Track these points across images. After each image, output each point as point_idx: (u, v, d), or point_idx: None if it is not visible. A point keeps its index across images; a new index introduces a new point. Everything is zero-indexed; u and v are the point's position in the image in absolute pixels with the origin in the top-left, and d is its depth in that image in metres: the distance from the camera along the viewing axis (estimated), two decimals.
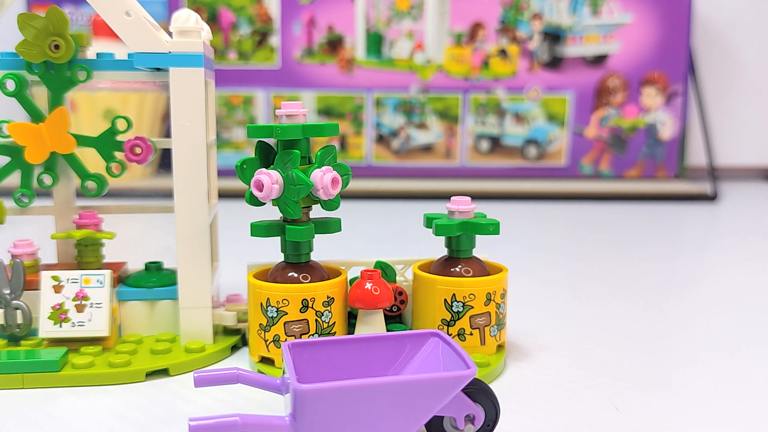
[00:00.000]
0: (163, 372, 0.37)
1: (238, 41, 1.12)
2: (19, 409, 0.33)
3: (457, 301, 0.37)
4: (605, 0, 1.11)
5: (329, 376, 0.30)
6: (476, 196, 0.49)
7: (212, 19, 1.12)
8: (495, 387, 0.35)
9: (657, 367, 0.39)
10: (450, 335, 0.37)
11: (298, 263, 0.37)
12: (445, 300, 0.37)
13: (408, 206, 0.99)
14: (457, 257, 0.39)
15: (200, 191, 0.38)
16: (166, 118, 1.08)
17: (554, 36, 1.12)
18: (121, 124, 0.40)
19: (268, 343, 0.36)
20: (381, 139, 1.14)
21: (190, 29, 0.37)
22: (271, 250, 0.41)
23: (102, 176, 0.40)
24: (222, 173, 0.52)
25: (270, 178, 0.34)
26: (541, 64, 1.13)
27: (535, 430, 0.31)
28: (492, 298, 0.37)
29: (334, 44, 1.12)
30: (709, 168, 1.12)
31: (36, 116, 0.39)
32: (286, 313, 0.36)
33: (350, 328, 0.39)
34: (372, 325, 0.37)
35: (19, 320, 0.38)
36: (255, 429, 0.26)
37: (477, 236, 0.39)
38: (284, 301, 0.36)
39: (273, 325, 0.36)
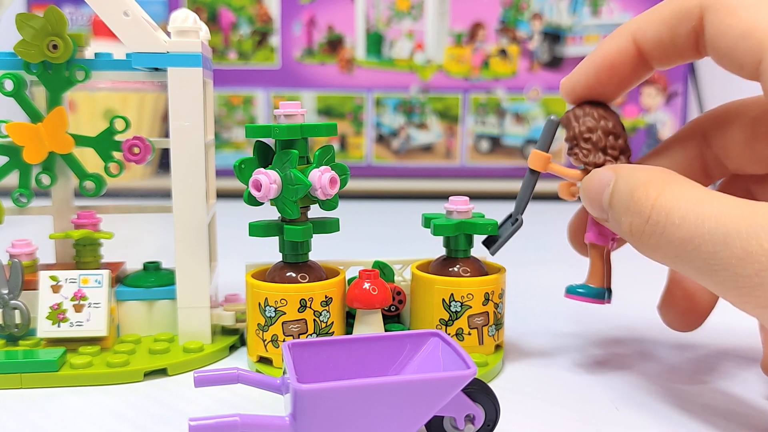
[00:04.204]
0: (162, 372, 0.37)
1: (238, 41, 1.12)
2: (17, 409, 0.33)
3: (456, 301, 0.37)
4: (605, 0, 1.11)
5: (329, 376, 0.30)
6: (476, 196, 0.49)
7: (212, 19, 1.12)
8: (493, 387, 0.35)
9: (657, 366, 0.39)
10: (448, 335, 0.37)
11: (296, 263, 0.37)
12: (444, 300, 0.37)
13: (408, 206, 0.99)
14: (455, 257, 0.39)
15: (199, 191, 0.38)
16: (166, 118, 1.08)
17: (554, 36, 1.12)
18: (119, 124, 0.40)
19: (266, 342, 0.36)
20: (381, 139, 1.14)
21: (189, 29, 0.37)
22: (270, 250, 0.41)
23: (100, 176, 0.40)
24: (221, 173, 0.52)
25: (268, 178, 0.34)
26: (541, 64, 1.13)
27: (535, 430, 0.31)
28: (490, 298, 0.37)
29: (334, 44, 1.12)
30: None
31: (34, 116, 0.39)
32: (285, 313, 0.36)
33: (348, 327, 0.39)
34: (370, 325, 0.37)
35: (18, 320, 0.38)
36: (255, 429, 0.26)
37: (475, 236, 0.39)
38: (282, 301, 0.35)
39: (271, 324, 0.36)
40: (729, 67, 0.32)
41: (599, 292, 0.36)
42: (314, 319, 0.36)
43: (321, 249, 0.43)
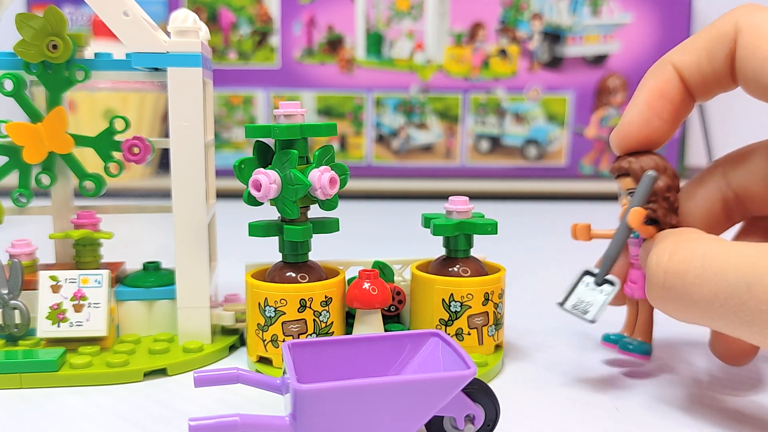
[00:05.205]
0: (161, 372, 0.37)
1: (238, 41, 1.12)
2: (17, 409, 0.33)
3: (455, 301, 0.37)
4: (605, 0, 1.11)
5: (329, 376, 0.30)
6: (476, 196, 0.49)
7: (212, 19, 1.12)
8: (493, 387, 0.35)
9: (656, 365, 0.39)
10: (448, 335, 0.37)
11: (296, 263, 0.37)
12: (443, 300, 0.37)
13: (408, 206, 0.99)
14: (455, 257, 0.39)
15: (198, 191, 0.38)
16: (166, 118, 1.08)
17: (554, 36, 1.12)
18: (119, 124, 0.40)
19: (266, 342, 0.36)
20: (381, 139, 1.14)
21: (188, 29, 0.37)
22: (270, 250, 0.41)
23: (100, 176, 0.40)
24: (221, 173, 0.52)
25: (268, 178, 0.34)
26: (541, 64, 1.13)
27: (535, 430, 0.31)
28: (490, 298, 0.37)
29: (334, 44, 1.12)
30: None
31: (34, 116, 0.39)
32: (284, 313, 0.36)
33: (348, 327, 0.39)
34: (370, 325, 0.37)
35: (17, 320, 0.38)
36: (255, 429, 0.26)
37: (475, 236, 0.39)
38: (282, 301, 0.35)
39: (271, 324, 0.36)
40: (755, 89, 0.31)
41: (648, 348, 0.36)
42: (314, 319, 0.36)
43: (321, 249, 0.43)
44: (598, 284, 0.33)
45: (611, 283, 0.33)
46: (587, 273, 0.34)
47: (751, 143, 0.36)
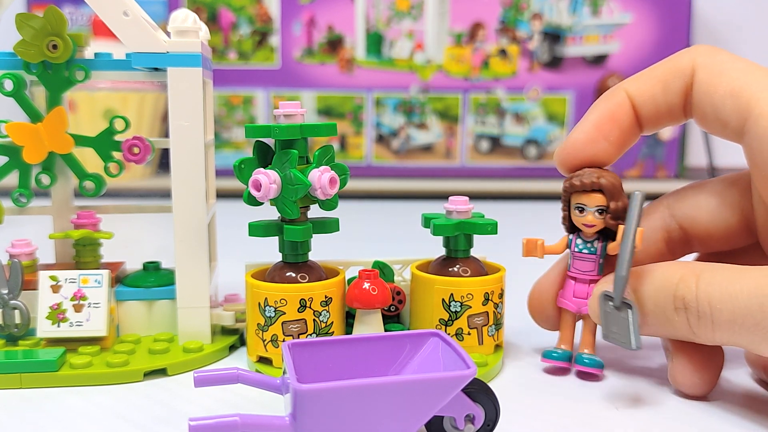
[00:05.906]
0: (161, 372, 0.37)
1: (238, 41, 1.12)
2: (17, 409, 0.33)
3: (455, 301, 0.37)
4: (605, 0, 1.11)
5: (329, 376, 0.30)
6: (476, 196, 0.49)
7: (212, 19, 1.12)
8: (493, 387, 0.35)
9: (657, 365, 0.39)
10: (448, 335, 0.37)
11: (296, 263, 0.37)
12: (443, 300, 0.37)
13: (408, 206, 0.99)
14: (455, 257, 0.39)
15: (198, 191, 0.38)
16: (166, 118, 1.07)
17: (554, 36, 1.12)
18: (119, 124, 0.40)
19: (266, 342, 0.36)
20: (381, 139, 1.14)
21: (188, 29, 0.37)
22: (270, 250, 0.41)
23: (100, 176, 0.40)
24: (221, 173, 0.52)
25: (268, 178, 0.34)
26: (541, 64, 1.13)
27: (535, 430, 0.31)
28: (490, 298, 0.37)
29: (334, 44, 1.12)
30: (709, 168, 1.12)
31: (34, 116, 0.39)
32: (284, 313, 0.36)
33: (348, 327, 0.39)
34: (370, 325, 0.37)
35: (17, 320, 0.38)
36: (255, 429, 0.26)
37: (475, 236, 0.39)
38: (282, 301, 0.35)
39: (271, 324, 0.36)
40: (712, 125, 0.32)
41: (601, 362, 0.36)
42: (314, 319, 0.36)
43: (321, 249, 0.43)
44: (617, 308, 0.33)
45: (629, 305, 0.32)
46: (606, 296, 0.33)
47: (699, 181, 0.37)
